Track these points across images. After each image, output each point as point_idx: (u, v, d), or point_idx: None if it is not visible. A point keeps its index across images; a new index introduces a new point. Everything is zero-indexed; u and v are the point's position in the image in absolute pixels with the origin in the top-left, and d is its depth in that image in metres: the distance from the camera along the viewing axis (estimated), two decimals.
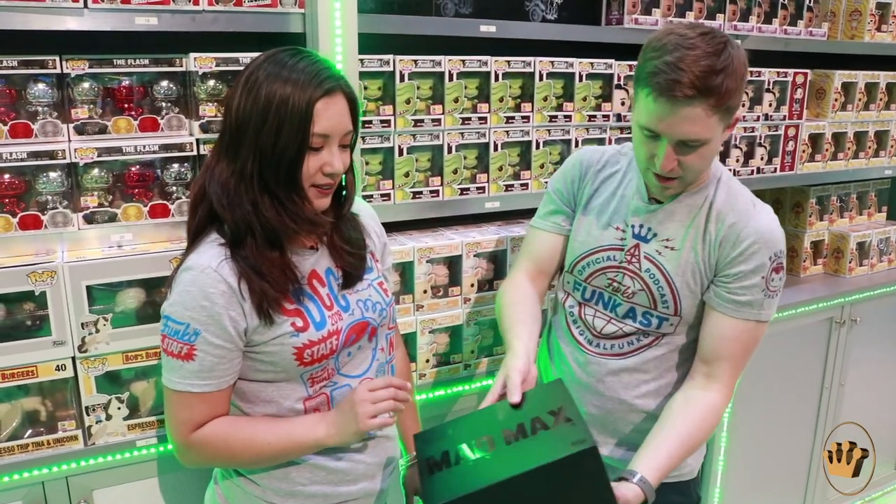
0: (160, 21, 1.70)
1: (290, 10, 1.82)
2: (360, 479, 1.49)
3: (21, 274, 1.59)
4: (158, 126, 1.78)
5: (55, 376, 1.65)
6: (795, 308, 2.81)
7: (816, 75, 2.92)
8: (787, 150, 2.82)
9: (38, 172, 1.66)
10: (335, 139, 1.33)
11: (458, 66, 2.08)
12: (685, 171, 1.46)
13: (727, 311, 1.53)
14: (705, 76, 1.34)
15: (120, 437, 1.73)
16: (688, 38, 1.37)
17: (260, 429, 1.38)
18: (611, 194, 1.66)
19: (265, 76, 1.29)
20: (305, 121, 1.27)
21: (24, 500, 1.67)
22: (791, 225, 3.11)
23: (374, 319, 1.48)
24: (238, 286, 1.30)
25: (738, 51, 1.40)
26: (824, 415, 3.05)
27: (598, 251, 1.64)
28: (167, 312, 1.32)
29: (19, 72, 1.65)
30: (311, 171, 1.32)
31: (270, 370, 1.38)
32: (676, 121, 1.38)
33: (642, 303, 1.60)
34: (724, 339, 1.54)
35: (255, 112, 1.28)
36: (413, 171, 2.09)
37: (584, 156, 1.73)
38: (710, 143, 1.43)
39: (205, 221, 1.36)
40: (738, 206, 1.55)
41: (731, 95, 1.38)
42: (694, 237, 1.56)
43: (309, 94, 1.27)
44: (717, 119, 1.40)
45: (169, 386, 1.34)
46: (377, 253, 1.58)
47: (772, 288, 1.52)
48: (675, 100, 1.36)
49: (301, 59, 1.31)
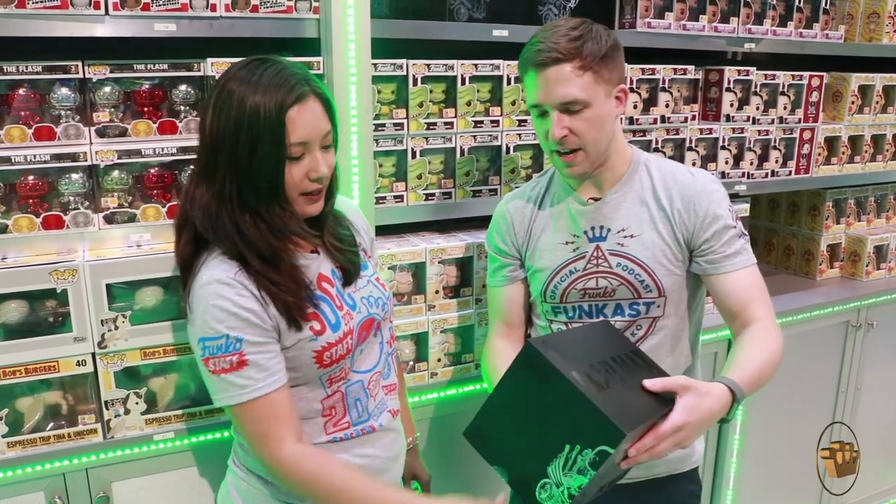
0: (178, 27, 1.75)
1: (304, 15, 1.87)
2: (377, 474, 1.51)
3: (44, 272, 1.64)
4: (177, 129, 1.83)
5: (76, 371, 1.70)
6: (811, 311, 2.81)
7: (833, 78, 2.91)
8: (802, 153, 2.81)
9: (61, 174, 1.72)
10: (315, 144, 1.32)
11: (470, 70, 2.11)
12: (581, 139, 1.55)
13: (728, 269, 1.59)
14: (566, 42, 1.50)
15: (138, 431, 1.78)
16: (551, 23, 1.57)
17: (357, 481, 1.36)
18: (548, 216, 1.72)
19: (235, 88, 1.28)
20: (279, 133, 1.26)
21: (45, 491, 1.72)
22: (807, 228, 3.10)
23: (378, 314, 1.51)
24: (259, 293, 1.32)
25: (601, 26, 1.56)
26: (840, 418, 3.03)
27: (558, 271, 1.68)
28: (200, 336, 1.31)
29: (44, 77, 1.71)
30: (297, 180, 1.32)
31: (291, 375, 1.39)
32: (550, 85, 1.51)
33: (625, 296, 1.64)
34: (740, 290, 1.58)
35: (228, 130, 1.27)
36: (426, 173, 2.12)
37: (506, 205, 1.79)
38: (593, 106, 1.52)
39: (192, 246, 1.36)
40: (678, 178, 1.63)
41: (595, 57, 1.50)
42: (651, 219, 1.62)
43: (279, 103, 1.26)
44: (591, 81, 1.51)
45: (231, 403, 1.32)
46: (367, 248, 1.60)
47: (743, 231, 1.63)
48: (544, 65, 1.51)
49: (268, 67, 1.30)
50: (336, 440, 1.46)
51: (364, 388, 1.49)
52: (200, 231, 1.33)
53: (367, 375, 1.50)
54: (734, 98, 2.58)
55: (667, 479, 1.74)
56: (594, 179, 1.66)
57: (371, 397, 1.51)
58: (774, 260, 3.28)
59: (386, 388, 1.56)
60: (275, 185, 1.30)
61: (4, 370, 1.64)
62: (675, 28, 2.41)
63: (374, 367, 1.52)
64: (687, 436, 1.31)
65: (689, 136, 2.50)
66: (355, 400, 1.48)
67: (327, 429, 1.46)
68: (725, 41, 2.55)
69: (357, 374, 1.48)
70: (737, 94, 2.59)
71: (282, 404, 1.35)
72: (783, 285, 3.03)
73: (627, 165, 1.65)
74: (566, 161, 1.58)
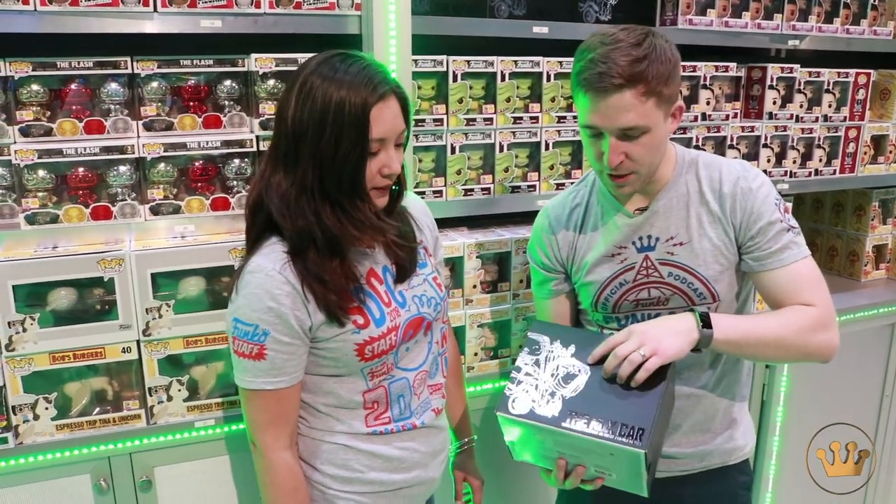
0: (224, 24, 1.79)
1: (346, 12, 1.89)
2: (414, 467, 1.53)
3: (91, 261, 1.69)
4: (221, 123, 1.87)
5: (121, 358, 1.76)
6: (855, 313, 2.76)
7: (881, 76, 2.86)
8: (847, 152, 2.76)
9: (109, 166, 1.77)
10: (391, 141, 1.35)
11: (510, 66, 2.12)
12: (636, 163, 1.47)
13: (776, 265, 1.53)
14: (629, 64, 1.38)
15: (180, 417, 1.83)
16: (609, 35, 1.43)
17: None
18: (593, 229, 1.66)
19: (319, 83, 1.30)
20: (364, 128, 1.29)
21: (91, 474, 1.78)
22: (852, 228, 3.04)
23: (429, 314, 1.52)
24: (301, 288, 1.35)
25: (662, 39, 1.44)
26: (884, 422, 2.97)
27: (607, 284, 1.63)
28: (235, 315, 1.36)
29: (94, 72, 1.76)
30: (372, 175, 1.34)
31: (332, 365, 1.43)
32: (610, 111, 1.41)
33: (679, 305, 1.60)
34: (790, 287, 1.53)
35: (312, 121, 1.29)
36: (465, 168, 2.14)
37: (547, 218, 1.73)
38: (652, 131, 1.44)
39: (263, 228, 1.39)
40: (724, 175, 1.57)
41: (660, 80, 1.41)
42: (699, 224, 1.57)
43: (364, 100, 1.28)
44: (653, 106, 1.42)
45: (242, 385, 1.39)
46: (430, 247, 1.61)
47: (792, 225, 1.55)
48: (605, 90, 1.39)
49: (352, 63, 1.32)
50: (376, 433, 1.48)
51: (409, 386, 1.50)
52: (276, 217, 1.35)
53: (413, 374, 1.51)
54: (777, 96, 2.55)
55: (719, 471, 1.72)
56: (640, 189, 1.61)
57: (415, 395, 1.52)
58: (818, 261, 3.17)
59: (432, 387, 1.57)
60: (357, 178, 1.32)
61: (54, 355, 1.70)
62: (717, 25, 2.39)
63: (421, 365, 1.53)
64: (641, 341, 1.39)
65: (730, 133, 2.48)
66: (398, 396, 1.49)
67: (368, 421, 1.48)
68: (769, 38, 2.52)
69: (402, 372, 1.49)
70: (780, 92, 2.56)
71: (288, 402, 1.41)
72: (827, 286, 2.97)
73: (672, 169, 1.60)
74: (618, 183, 1.52)
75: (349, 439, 1.47)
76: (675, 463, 1.67)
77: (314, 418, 1.48)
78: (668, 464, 1.66)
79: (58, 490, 1.76)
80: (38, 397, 1.72)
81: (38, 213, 1.73)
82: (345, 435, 1.47)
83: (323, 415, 1.47)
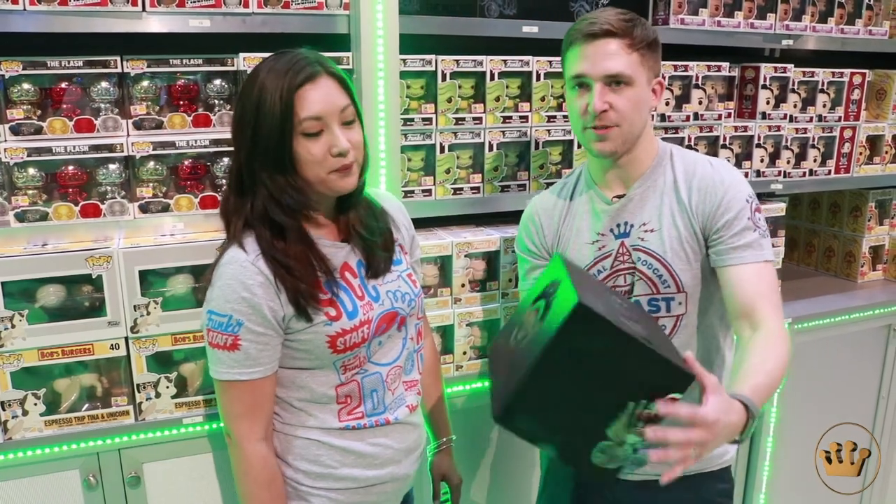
0: (212, 23, 1.81)
1: (335, 11, 1.91)
2: (387, 463, 1.54)
3: (80, 258, 1.71)
4: (210, 122, 1.89)
5: (110, 354, 1.77)
6: (851, 314, 2.75)
7: (877, 76, 2.85)
8: (842, 153, 2.76)
9: (99, 164, 1.79)
10: (332, 119, 1.36)
11: (499, 66, 2.13)
12: (619, 116, 1.55)
13: (735, 261, 1.55)
14: (617, 20, 1.53)
15: (168, 414, 1.84)
16: (602, 8, 1.63)
17: None
18: (576, 216, 1.72)
19: (253, 77, 1.37)
20: (287, 110, 1.32)
21: (80, 469, 1.79)
22: (849, 229, 3.04)
23: (403, 309, 1.53)
24: (274, 279, 1.37)
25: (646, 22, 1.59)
26: (880, 424, 2.96)
27: (588, 270, 1.67)
28: (209, 307, 1.39)
29: (84, 71, 1.78)
30: (320, 157, 1.36)
31: (305, 357, 1.45)
32: (598, 57, 1.53)
33: (644, 291, 1.63)
34: (746, 285, 1.53)
35: (247, 111, 1.35)
36: (454, 167, 2.15)
37: (533, 207, 1.81)
38: (635, 86, 1.55)
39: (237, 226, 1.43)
40: (698, 169, 1.63)
41: (644, 42, 1.55)
42: (670, 213, 1.61)
43: (287, 82, 1.33)
44: (637, 61, 1.54)
45: (217, 377, 1.41)
46: (406, 245, 1.63)
47: (760, 226, 1.58)
48: (594, 35, 1.53)
49: (287, 55, 1.38)
50: (349, 428, 1.49)
51: (382, 381, 1.52)
52: (232, 202, 1.43)
53: (386, 368, 1.52)
54: (770, 95, 2.55)
55: (698, 477, 1.72)
56: (619, 173, 1.65)
57: (389, 390, 1.53)
58: (815, 261, 3.22)
59: (406, 383, 1.58)
60: (280, 157, 1.35)
61: (43, 351, 1.72)
62: (709, 24, 2.39)
63: (395, 360, 1.54)
64: (711, 438, 1.19)
65: (723, 133, 2.48)
66: (372, 391, 1.51)
67: (341, 416, 1.49)
68: (762, 38, 2.52)
69: (375, 366, 1.51)
70: (773, 92, 2.56)
71: (262, 393, 1.43)
72: (823, 287, 2.98)
73: (652, 160, 1.65)
74: (600, 134, 1.57)
75: (322, 434, 1.48)
76: (649, 465, 1.67)
77: (287, 413, 1.50)
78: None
79: (47, 485, 1.78)
80: (26, 393, 1.73)
81: (28, 211, 1.75)
82: (317, 430, 1.49)
83: (296, 409, 1.49)
